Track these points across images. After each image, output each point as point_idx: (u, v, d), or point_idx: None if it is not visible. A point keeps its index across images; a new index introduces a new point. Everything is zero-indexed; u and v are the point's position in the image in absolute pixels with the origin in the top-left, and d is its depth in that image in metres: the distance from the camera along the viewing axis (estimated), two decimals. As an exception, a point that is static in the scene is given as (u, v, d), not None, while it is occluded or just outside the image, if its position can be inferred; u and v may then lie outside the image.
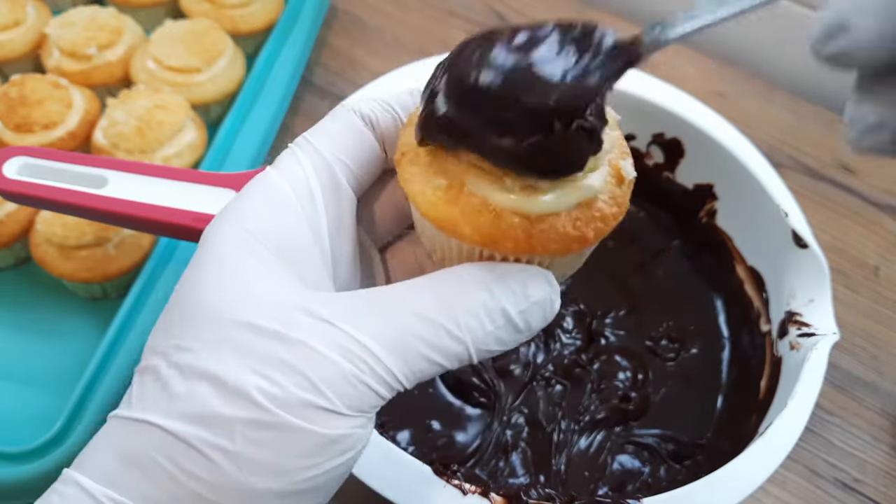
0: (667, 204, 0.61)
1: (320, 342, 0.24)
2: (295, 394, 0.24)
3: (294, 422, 0.24)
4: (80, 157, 0.48)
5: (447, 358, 0.26)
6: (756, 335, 0.54)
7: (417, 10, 0.76)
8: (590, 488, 0.50)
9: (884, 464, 0.55)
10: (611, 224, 0.26)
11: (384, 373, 0.25)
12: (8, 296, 0.57)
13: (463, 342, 0.25)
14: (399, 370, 0.25)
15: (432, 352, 0.25)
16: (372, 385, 0.25)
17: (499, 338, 0.26)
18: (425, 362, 0.25)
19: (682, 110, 0.56)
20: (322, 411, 0.24)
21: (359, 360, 0.25)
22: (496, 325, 0.26)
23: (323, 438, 0.24)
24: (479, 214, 0.25)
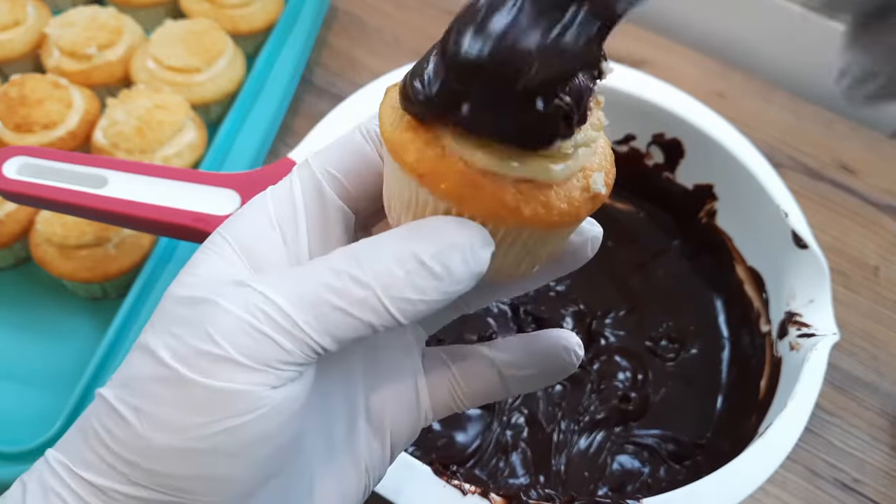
0: (667, 204, 0.61)
1: (229, 301, 0.25)
2: (192, 345, 0.24)
3: (188, 374, 0.24)
4: (80, 157, 0.48)
5: (356, 305, 0.25)
6: (756, 335, 0.54)
7: (417, 10, 0.76)
8: (590, 488, 0.50)
9: (883, 464, 0.55)
10: (552, 217, 0.25)
11: (284, 321, 0.24)
12: (8, 296, 0.57)
13: (368, 286, 0.25)
14: (303, 319, 0.25)
15: (338, 299, 0.25)
16: (270, 333, 0.24)
17: (413, 283, 0.25)
18: (335, 312, 0.25)
19: (682, 110, 0.56)
20: (218, 362, 0.24)
21: (257, 311, 0.25)
22: (406, 268, 0.25)
23: (218, 392, 0.24)
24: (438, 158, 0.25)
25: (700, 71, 0.74)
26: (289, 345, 0.25)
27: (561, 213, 0.25)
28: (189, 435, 0.24)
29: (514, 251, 0.27)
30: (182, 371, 0.24)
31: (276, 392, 0.25)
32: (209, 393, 0.24)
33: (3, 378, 0.52)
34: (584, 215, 0.26)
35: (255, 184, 0.49)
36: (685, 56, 0.75)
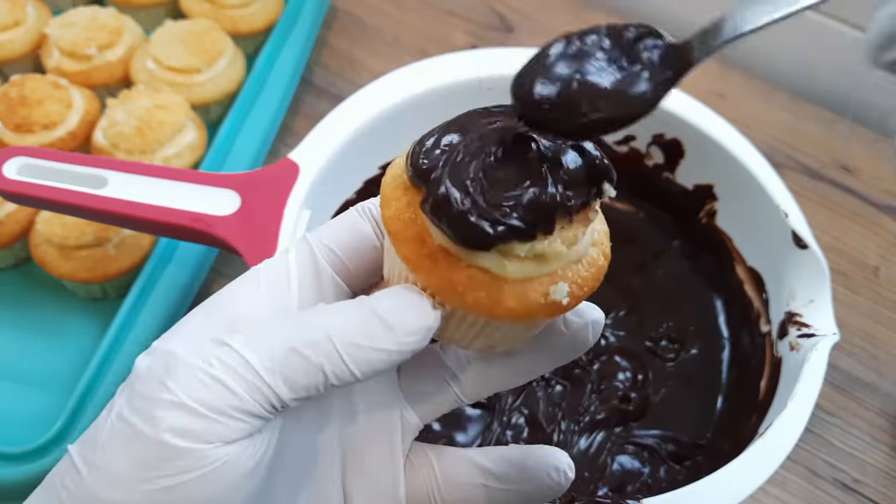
0: (667, 204, 0.61)
1: (188, 351, 0.25)
2: (147, 395, 0.24)
3: (137, 425, 0.24)
4: (80, 158, 0.48)
5: (309, 347, 0.25)
6: (756, 335, 0.54)
7: (417, 10, 0.76)
8: (590, 489, 0.50)
9: (883, 464, 0.55)
10: (495, 310, 0.25)
11: (239, 366, 0.24)
12: (8, 296, 0.57)
13: (324, 331, 0.25)
14: (258, 364, 0.25)
15: (294, 342, 0.25)
16: (222, 377, 0.24)
17: (365, 330, 0.25)
18: (290, 354, 0.25)
19: (682, 110, 0.56)
20: (168, 408, 0.24)
21: (213, 358, 0.25)
22: (362, 318, 0.25)
23: (164, 447, 0.24)
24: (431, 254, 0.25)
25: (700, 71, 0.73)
26: (241, 390, 0.24)
27: (508, 310, 0.25)
28: (131, 490, 0.24)
29: (465, 328, 0.27)
30: (132, 421, 0.24)
31: (228, 448, 0.24)
32: (156, 447, 0.24)
33: (3, 378, 0.52)
34: (539, 318, 0.26)
35: (255, 184, 0.49)
36: (685, 56, 0.74)
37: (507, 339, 0.28)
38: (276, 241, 0.46)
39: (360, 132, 0.52)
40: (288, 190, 0.49)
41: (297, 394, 0.25)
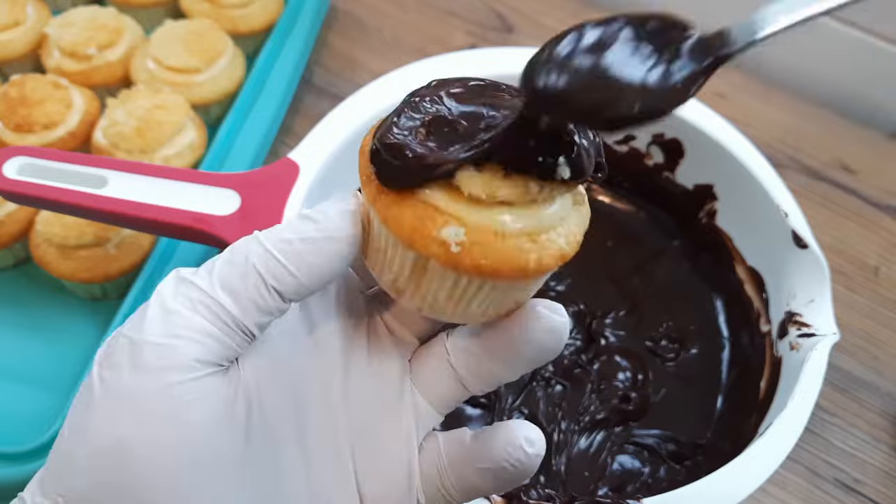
0: (667, 204, 0.61)
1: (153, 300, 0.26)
2: (107, 349, 0.25)
3: (96, 377, 0.25)
4: (80, 157, 0.48)
5: (242, 252, 0.26)
6: (756, 335, 0.54)
7: (417, 10, 0.76)
8: (590, 488, 0.50)
9: (884, 464, 0.55)
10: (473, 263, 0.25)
11: (185, 287, 0.25)
12: (8, 296, 0.57)
13: (255, 236, 0.26)
14: (203, 282, 0.25)
15: (230, 252, 0.26)
16: (171, 305, 0.25)
17: (291, 226, 0.26)
18: (226, 265, 0.25)
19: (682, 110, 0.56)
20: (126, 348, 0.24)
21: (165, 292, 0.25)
22: (288, 220, 0.26)
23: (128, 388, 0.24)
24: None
25: (700, 71, 0.74)
26: (184, 308, 0.25)
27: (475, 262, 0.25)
28: (99, 439, 0.24)
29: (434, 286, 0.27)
30: (94, 373, 0.25)
31: (194, 385, 0.24)
32: (117, 389, 0.24)
33: (3, 378, 0.52)
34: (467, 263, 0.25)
35: (255, 184, 0.49)
36: (685, 56, 0.75)
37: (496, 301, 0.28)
38: (276, 240, 0.46)
39: (360, 132, 0.52)
40: (288, 190, 0.49)
41: (241, 303, 0.25)
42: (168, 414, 0.24)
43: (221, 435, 0.25)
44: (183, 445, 0.24)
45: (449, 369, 0.30)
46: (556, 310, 0.28)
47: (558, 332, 0.28)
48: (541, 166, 0.25)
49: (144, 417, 0.24)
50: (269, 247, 0.26)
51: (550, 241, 0.25)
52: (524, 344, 0.28)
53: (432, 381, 0.30)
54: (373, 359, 0.30)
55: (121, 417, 0.24)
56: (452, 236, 0.25)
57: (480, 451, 0.28)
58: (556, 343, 0.28)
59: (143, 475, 0.23)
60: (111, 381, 0.24)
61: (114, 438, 0.23)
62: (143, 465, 0.23)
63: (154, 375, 0.24)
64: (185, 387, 0.24)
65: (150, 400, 0.24)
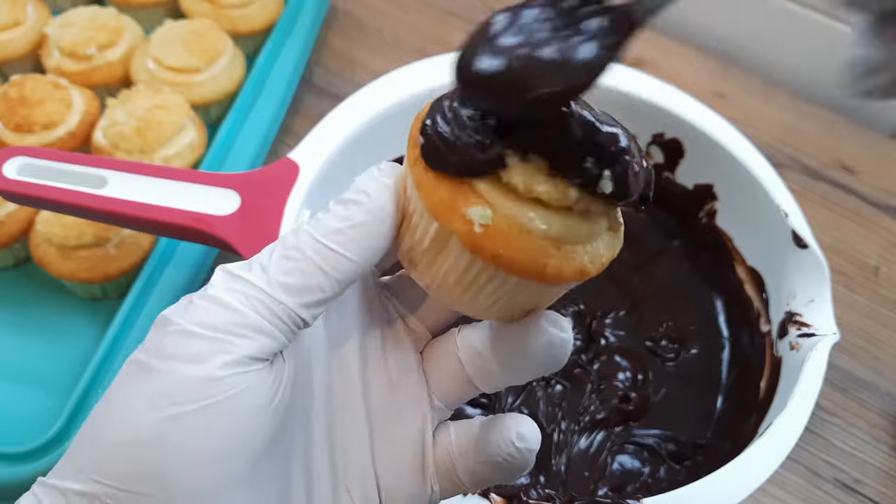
0: (667, 204, 0.61)
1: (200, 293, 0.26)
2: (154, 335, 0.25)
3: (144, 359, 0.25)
4: (80, 157, 0.48)
5: (296, 249, 0.26)
6: (756, 335, 0.54)
7: (417, 10, 0.76)
8: (590, 488, 0.50)
9: (884, 464, 0.55)
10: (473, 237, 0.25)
11: (240, 285, 0.25)
12: (8, 296, 0.57)
13: (305, 231, 0.26)
14: (259, 279, 0.25)
15: (284, 250, 0.26)
16: (225, 300, 0.25)
17: (336, 215, 0.26)
18: (284, 261, 0.26)
19: (682, 110, 0.56)
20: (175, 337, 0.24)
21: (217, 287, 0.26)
22: (330, 209, 0.27)
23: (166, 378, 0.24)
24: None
25: (700, 71, 0.74)
26: (241, 304, 0.25)
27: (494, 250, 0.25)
28: (139, 423, 0.24)
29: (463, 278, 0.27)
30: (141, 358, 0.25)
31: (242, 377, 0.24)
32: (163, 376, 0.24)
33: (3, 378, 0.52)
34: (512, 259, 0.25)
35: (255, 184, 0.49)
36: (685, 56, 0.75)
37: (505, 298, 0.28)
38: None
39: (360, 132, 0.52)
40: (288, 190, 0.49)
41: (302, 298, 0.25)
42: (214, 405, 0.24)
43: (263, 425, 0.25)
44: (225, 436, 0.24)
45: (458, 365, 0.30)
46: (559, 325, 0.28)
47: (558, 347, 0.28)
48: (584, 173, 0.25)
49: (191, 408, 0.24)
50: (324, 240, 0.26)
51: (575, 253, 0.26)
52: (523, 354, 0.28)
53: (442, 376, 0.30)
54: (388, 348, 0.31)
55: (161, 408, 0.24)
56: (478, 217, 0.25)
57: (480, 443, 0.29)
58: (554, 359, 0.28)
59: (184, 464, 0.24)
60: (155, 368, 0.24)
61: (156, 427, 0.24)
62: (185, 456, 0.24)
63: (206, 367, 0.24)
64: (233, 380, 0.24)
65: (199, 392, 0.24)
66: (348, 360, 0.30)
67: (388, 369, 0.30)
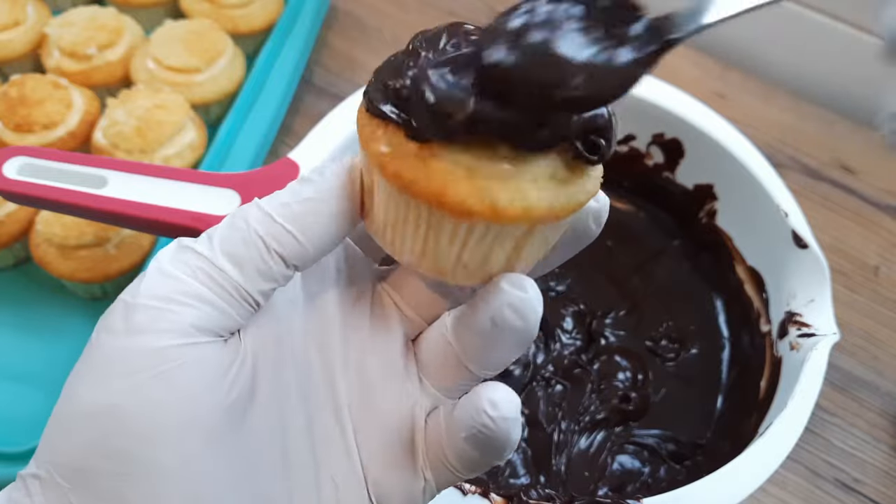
0: (667, 204, 0.61)
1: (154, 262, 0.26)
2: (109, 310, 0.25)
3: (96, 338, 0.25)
4: (80, 157, 0.48)
5: (243, 218, 0.26)
6: (756, 335, 0.54)
7: (417, 10, 0.76)
8: (590, 488, 0.50)
9: (884, 464, 0.55)
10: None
11: (185, 254, 0.25)
12: (8, 296, 0.57)
13: (255, 203, 0.26)
14: (203, 248, 0.25)
15: (232, 219, 0.26)
16: (169, 270, 0.25)
17: (290, 191, 0.26)
18: (228, 230, 0.26)
19: (682, 110, 0.56)
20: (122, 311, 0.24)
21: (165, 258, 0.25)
22: (287, 186, 0.27)
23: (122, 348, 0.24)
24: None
25: (700, 71, 0.74)
26: (183, 273, 0.25)
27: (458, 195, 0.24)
28: (84, 399, 0.24)
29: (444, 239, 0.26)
30: (92, 338, 0.25)
31: (190, 350, 0.24)
32: (111, 349, 0.24)
33: (3, 378, 0.52)
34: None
35: (255, 184, 0.49)
36: (685, 56, 0.75)
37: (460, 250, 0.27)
38: (276, 240, 0.46)
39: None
40: (288, 190, 0.49)
41: (244, 270, 0.25)
42: (160, 376, 0.23)
43: (216, 401, 0.24)
44: (174, 408, 0.24)
45: (448, 346, 0.28)
46: (520, 285, 0.26)
47: (521, 310, 0.26)
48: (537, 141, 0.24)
49: (137, 379, 0.23)
50: (269, 210, 0.26)
51: (489, 189, 0.24)
52: (490, 322, 0.26)
53: (434, 359, 0.29)
54: (376, 333, 0.29)
55: (113, 379, 0.23)
56: (383, 147, 0.25)
57: (458, 416, 0.27)
58: (522, 322, 0.26)
59: (135, 436, 0.23)
60: (105, 343, 0.24)
61: (106, 401, 0.23)
62: (134, 427, 0.23)
63: (148, 338, 0.24)
64: (178, 351, 0.24)
65: (143, 362, 0.23)
66: (331, 344, 0.29)
67: (375, 353, 0.29)
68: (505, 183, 0.24)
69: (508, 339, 0.27)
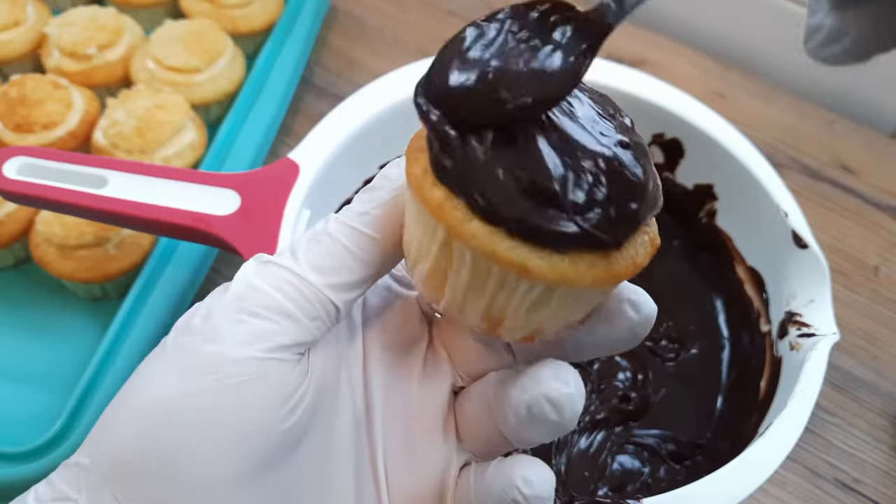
0: (667, 204, 0.60)
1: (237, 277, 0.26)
2: (186, 319, 0.25)
3: (170, 342, 0.25)
4: (80, 157, 0.48)
5: (324, 233, 0.26)
6: (756, 335, 0.54)
7: (417, 10, 0.76)
8: (590, 488, 0.50)
9: (884, 464, 0.55)
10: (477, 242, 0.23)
11: (270, 267, 0.25)
12: (8, 296, 0.57)
13: (332, 216, 0.27)
14: (287, 262, 0.25)
15: (313, 233, 0.26)
16: (254, 282, 0.25)
17: (362, 199, 0.27)
18: (312, 244, 0.26)
19: (682, 110, 0.56)
20: (202, 319, 0.25)
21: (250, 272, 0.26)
22: (357, 195, 0.27)
23: (197, 354, 0.24)
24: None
25: (700, 71, 0.74)
26: (267, 284, 0.25)
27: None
28: (147, 401, 0.24)
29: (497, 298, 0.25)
30: (167, 340, 0.25)
31: (263, 365, 0.24)
32: (186, 355, 0.24)
33: (3, 378, 0.52)
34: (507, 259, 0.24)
35: (255, 184, 0.49)
36: (685, 56, 0.75)
37: (549, 318, 0.26)
38: (276, 240, 0.46)
39: (360, 132, 0.52)
40: (288, 190, 0.49)
41: (329, 278, 0.25)
42: (225, 390, 0.23)
43: (274, 423, 0.24)
44: (234, 422, 0.23)
45: (488, 412, 0.27)
46: (563, 378, 0.26)
47: (560, 404, 0.25)
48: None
49: (202, 386, 0.23)
50: (351, 222, 0.26)
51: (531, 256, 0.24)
52: (526, 409, 0.26)
53: (472, 420, 0.28)
54: (426, 383, 0.29)
55: (179, 384, 0.23)
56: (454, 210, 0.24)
57: (489, 485, 0.27)
58: (558, 416, 0.25)
59: (184, 444, 0.23)
60: (180, 343, 0.24)
61: (167, 402, 0.23)
62: (187, 434, 0.23)
63: (224, 346, 0.24)
64: (251, 364, 0.24)
65: (214, 370, 0.23)
66: (381, 386, 0.28)
67: (423, 405, 0.29)
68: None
69: (542, 429, 0.26)
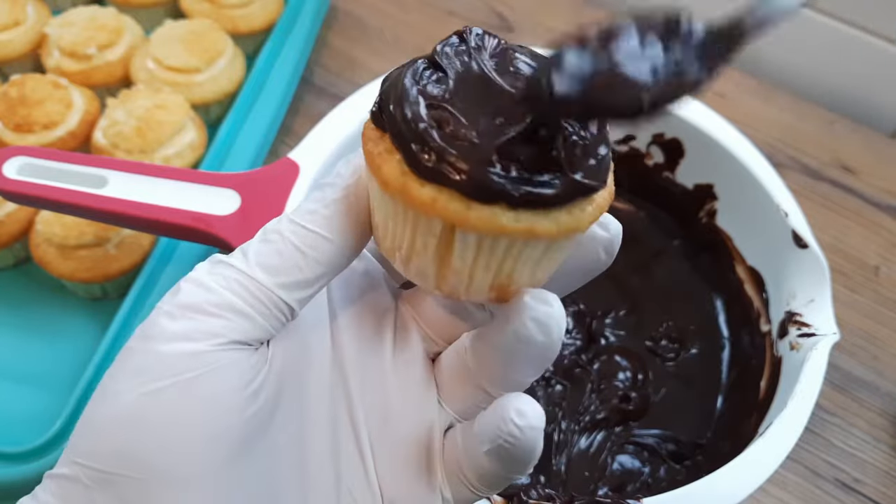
0: (667, 204, 0.61)
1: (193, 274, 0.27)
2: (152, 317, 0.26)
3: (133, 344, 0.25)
4: (80, 157, 0.48)
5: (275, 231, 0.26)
6: (756, 335, 0.54)
7: (417, 10, 0.76)
8: (590, 488, 0.50)
9: (884, 464, 0.55)
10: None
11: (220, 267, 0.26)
12: (8, 296, 0.57)
13: (284, 214, 0.27)
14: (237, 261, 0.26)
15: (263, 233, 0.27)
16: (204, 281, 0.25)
17: (313, 198, 0.27)
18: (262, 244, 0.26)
19: (682, 110, 0.56)
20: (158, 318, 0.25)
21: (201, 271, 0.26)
22: (309, 195, 0.27)
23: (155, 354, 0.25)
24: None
25: (700, 71, 0.74)
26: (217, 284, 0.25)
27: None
28: (122, 399, 0.24)
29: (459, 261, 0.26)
30: (130, 344, 0.25)
31: (221, 355, 0.25)
32: (143, 355, 0.25)
33: (3, 378, 0.52)
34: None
35: (255, 184, 0.49)
36: (685, 56, 0.74)
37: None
38: (276, 240, 0.46)
39: (360, 132, 0.52)
40: (288, 189, 0.49)
41: (279, 278, 0.26)
42: (187, 383, 0.24)
43: (238, 411, 0.25)
44: (198, 416, 0.24)
45: (465, 367, 0.28)
46: (544, 299, 0.26)
47: (545, 324, 0.26)
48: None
49: (163, 385, 0.24)
50: (300, 220, 0.26)
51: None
52: (513, 336, 0.26)
53: (452, 380, 0.29)
54: (398, 353, 0.30)
55: (140, 385, 0.24)
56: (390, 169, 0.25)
57: (480, 429, 0.27)
58: (545, 337, 0.26)
59: (156, 444, 0.24)
60: (137, 348, 0.25)
61: (131, 406, 0.24)
62: (156, 434, 0.24)
63: (179, 345, 0.24)
64: (207, 356, 0.24)
65: (172, 369, 0.24)
66: (353, 363, 0.29)
67: (397, 373, 0.29)
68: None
69: (530, 355, 0.27)
